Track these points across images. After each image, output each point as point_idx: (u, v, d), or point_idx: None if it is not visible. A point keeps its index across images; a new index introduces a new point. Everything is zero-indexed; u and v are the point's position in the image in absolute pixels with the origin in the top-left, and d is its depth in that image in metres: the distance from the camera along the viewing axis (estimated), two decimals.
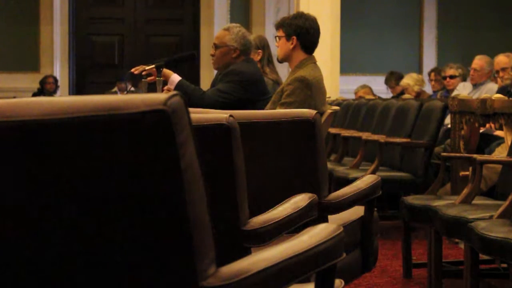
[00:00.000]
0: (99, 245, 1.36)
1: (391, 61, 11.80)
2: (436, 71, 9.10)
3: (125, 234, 1.35)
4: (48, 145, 1.33)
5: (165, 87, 4.50)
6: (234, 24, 4.73)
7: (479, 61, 7.33)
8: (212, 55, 4.67)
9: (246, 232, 2.05)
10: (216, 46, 4.64)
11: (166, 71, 4.52)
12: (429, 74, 9.31)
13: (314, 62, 4.37)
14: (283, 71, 7.33)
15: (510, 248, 2.90)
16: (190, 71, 11.43)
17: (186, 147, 1.31)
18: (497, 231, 3.02)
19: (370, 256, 2.97)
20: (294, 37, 4.34)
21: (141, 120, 1.29)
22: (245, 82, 4.48)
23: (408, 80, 9.04)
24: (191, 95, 4.38)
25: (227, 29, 4.65)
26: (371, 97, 9.20)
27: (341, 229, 1.54)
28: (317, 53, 4.45)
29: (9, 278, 1.41)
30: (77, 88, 12.19)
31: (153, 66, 4.51)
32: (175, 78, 4.53)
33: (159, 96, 1.29)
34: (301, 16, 4.42)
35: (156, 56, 4.85)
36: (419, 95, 8.78)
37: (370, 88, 9.85)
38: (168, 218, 1.33)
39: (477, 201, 3.81)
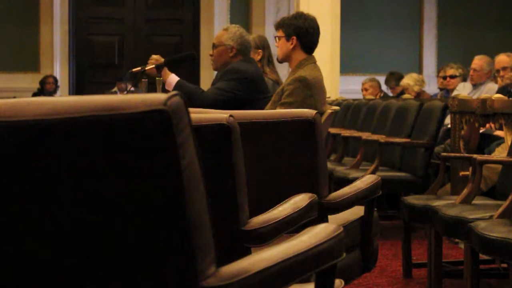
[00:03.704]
0: (99, 244, 1.36)
1: (391, 61, 11.81)
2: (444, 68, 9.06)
3: (125, 234, 1.35)
4: (48, 145, 1.33)
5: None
6: (233, 25, 4.75)
7: (479, 61, 7.33)
8: (211, 55, 4.68)
9: (246, 232, 2.05)
10: (214, 46, 4.66)
11: (164, 71, 4.52)
12: (439, 71, 9.25)
13: (314, 62, 4.37)
14: (283, 71, 7.34)
15: (510, 248, 2.90)
16: (190, 71, 11.44)
17: (186, 147, 1.31)
18: (497, 231, 3.02)
19: (370, 256, 2.97)
20: (294, 37, 4.34)
21: (141, 120, 1.29)
22: (244, 80, 4.49)
23: (409, 80, 9.03)
24: (190, 95, 4.38)
25: (226, 29, 4.68)
26: (372, 95, 9.20)
27: (341, 229, 1.54)
28: (317, 53, 4.45)
29: (9, 277, 1.41)
30: (77, 88, 12.19)
31: (153, 66, 4.52)
32: (173, 79, 4.52)
33: (159, 96, 1.29)
34: (300, 16, 4.42)
35: None
36: (419, 95, 8.77)
37: (378, 82, 9.80)
38: (168, 218, 1.33)
39: (477, 201, 3.81)
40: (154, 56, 4.58)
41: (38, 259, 1.39)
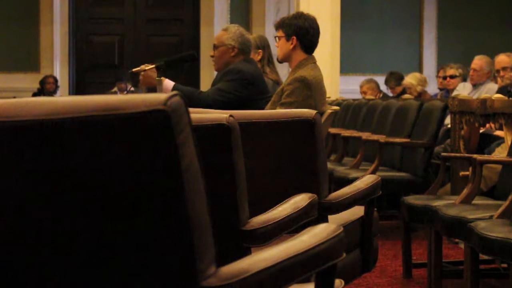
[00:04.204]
0: (99, 245, 1.36)
1: (391, 61, 11.81)
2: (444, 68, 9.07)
3: (125, 234, 1.35)
4: (48, 145, 1.33)
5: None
6: (232, 25, 4.76)
7: (478, 61, 7.33)
8: (212, 56, 4.69)
9: (246, 232, 2.05)
10: (215, 47, 4.66)
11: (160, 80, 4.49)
12: (438, 71, 9.26)
13: (314, 62, 4.37)
14: (283, 71, 7.34)
15: (510, 248, 2.90)
16: (190, 71, 11.44)
17: (186, 147, 1.31)
18: (497, 231, 3.02)
19: (370, 256, 2.97)
20: (294, 37, 4.34)
21: (141, 120, 1.29)
22: (245, 80, 4.49)
23: (412, 80, 9.01)
24: (188, 97, 4.37)
25: (225, 29, 4.69)
26: (371, 96, 9.19)
27: (341, 229, 1.54)
28: (317, 53, 4.45)
29: (10, 276, 1.41)
30: (77, 88, 12.19)
31: (153, 66, 4.52)
32: (169, 84, 4.50)
33: (159, 96, 1.29)
34: (300, 16, 4.42)
35: (156, 56, 4.85)
36: (420, 95, 8.77)
37: (376, 83, 9.80)
38: (168, 218, 1.33)
39: (477, 201, 3.81)
40: (142, 67, 4.53)
41: (38, 259, 1.39)
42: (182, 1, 12.28)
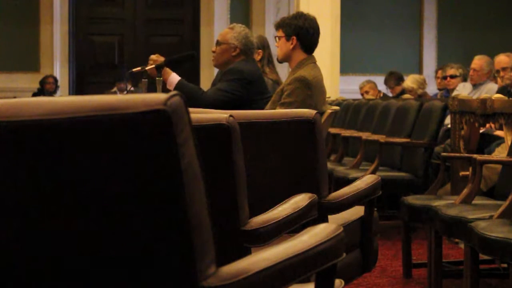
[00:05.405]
0: (99, 245, 1.36)
1: (391, 61, 11.81)
2: (443, 68, 9.09)
3: (125, 234, 1.35)
4: (48, 145, 1.33)
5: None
6: (239, 25, 4.75)
7: (478, 61, 7.33)
8: (213, 52, 4.69)
9: (246, 232, 2.05)
10: (218, 43, 4.66)
11: (165, 70, 4.52)
12: (436, 72, 9.27)
13: (314, 62, 4.37)
14: (283, 71, 7.34)
15: (510, 248, 2.90)
16: (190, 71, 11.44)
17: (186, 147, 1.30)
18: (497, 231, 3.02)
19: (370, 256, 2.97)
20: (294, 37, 4.34)
21: (141, 120, 1.29)
22: (244, 80, 4.49)
23: (413, 83, 9.01)
24: (191, 95, 4.39)
25: (232, 28, 4.69)
26: (372, 96, 9.20)
27: (341, 229, 1.54)
28: (317, 53, 4.45)
29: (9, 277, 1.41)
30: (77, 88, 12.19)
31: (153, 66, 4.52)
32: (174, 79, 4.52)
33: (159, 96, 1.29)
34: (300, 16, 4.42)
35: None
36: (420, 96, 8.77)
37: (375, 83, 9.85)
38: (168, 218, 1.33)
39: (477, 201, 3.81)
40: (152, 56, 4.58)
41: (38, 259, 1.39)
42: (182, 1, 12.28)
